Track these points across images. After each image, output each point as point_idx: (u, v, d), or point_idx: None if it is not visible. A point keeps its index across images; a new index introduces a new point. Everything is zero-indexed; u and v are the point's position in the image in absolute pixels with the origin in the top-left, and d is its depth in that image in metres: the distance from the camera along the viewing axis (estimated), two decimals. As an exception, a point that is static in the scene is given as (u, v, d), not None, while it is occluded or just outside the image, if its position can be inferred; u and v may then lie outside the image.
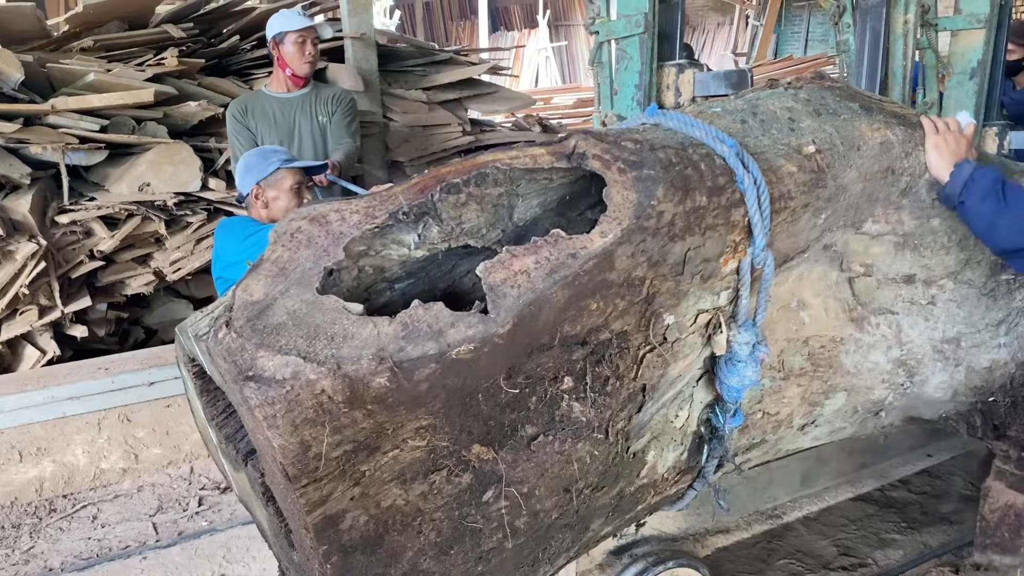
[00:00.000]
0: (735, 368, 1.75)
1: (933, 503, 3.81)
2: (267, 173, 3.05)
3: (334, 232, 1.43)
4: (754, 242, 1.69)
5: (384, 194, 1.49)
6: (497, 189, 1.58)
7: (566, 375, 1.51)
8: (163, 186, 4.56)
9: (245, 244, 2.99)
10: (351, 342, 1.28)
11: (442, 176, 1.52)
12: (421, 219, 1.50)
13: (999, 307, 2.29)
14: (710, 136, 1.72)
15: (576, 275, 1.41)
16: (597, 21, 2.46)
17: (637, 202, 1.50)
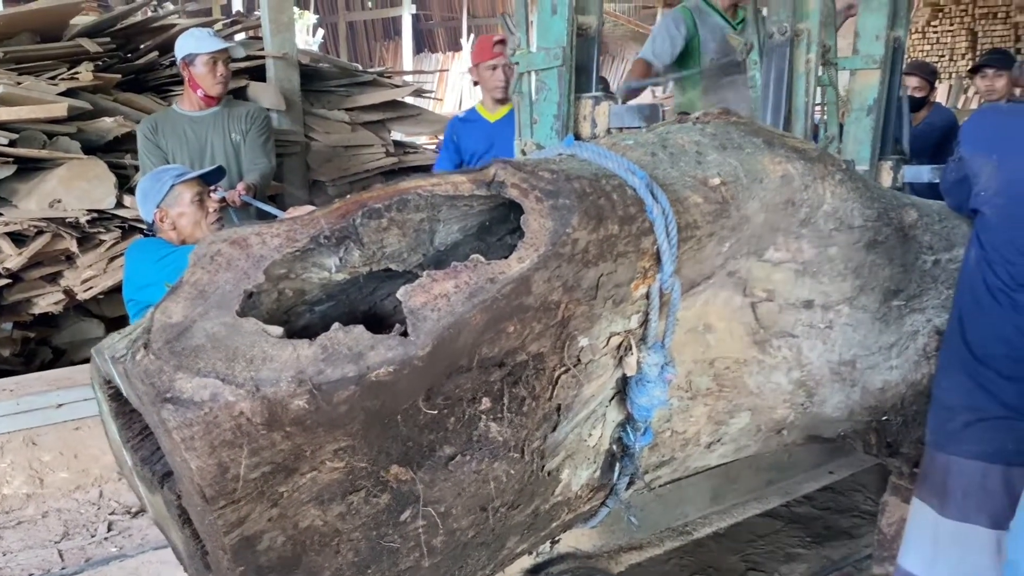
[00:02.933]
0: (645, 388, 1.82)
1: (835, 518, 3.97)
2: (163, 194, 3.01)
3: (254, 255, 1.44)
4: (662, 269, 1.77)
5: (306, 218, 1.51)
6: (419, 215, 1.61)
7: (484, 396, 1.55)
8: (75, 203, 4.44)
9: (159, 265, 2.94)
10: (270, 364, 1.29)
11: (364, 201, 1.55)
12: (343, 243, 1.52)
13: (891, 331, 2.43)
14: (622, 168, 1.79)
15: (494, 299, 1.45)
16: (517, 52, 2.53)
17: (553, 230, 1.55)
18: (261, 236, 1.46)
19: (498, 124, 4.21)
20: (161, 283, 2.94)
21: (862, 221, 2.32)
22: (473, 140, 4.25)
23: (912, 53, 12.42)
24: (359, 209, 1.53)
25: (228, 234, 1.46)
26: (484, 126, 4.25)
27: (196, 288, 1.38)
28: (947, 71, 12.45)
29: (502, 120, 4.22)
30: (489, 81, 4.13)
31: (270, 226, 1.48)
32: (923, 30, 12.53)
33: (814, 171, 2.21)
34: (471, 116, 4.37)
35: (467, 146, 4.27)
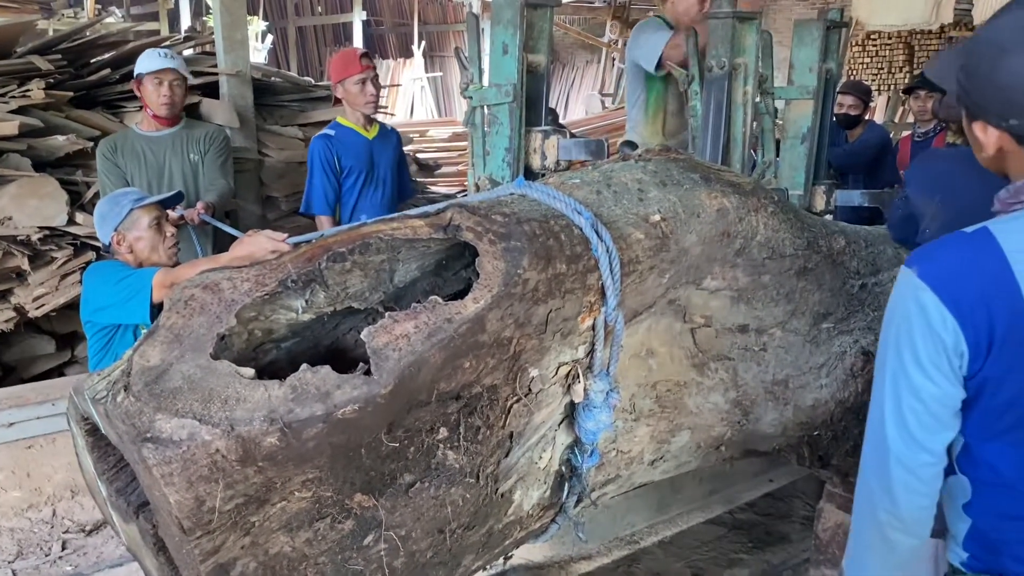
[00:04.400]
0: (591, 413, 1.96)
1: (776, 523, 4.17)
2: (121, 218, 3.06)
3: (226, 299, 1.54)
4: (607, 303, 1.91)
5: (274, 263, 1.61)
6: (379, 256, 1.73)
7: (442, 426, 1.67)
8: (26, 220, 4.44)
9: (117, 288, 2.99)
10: (244, 405, 1.40)
11: (328, 246, 1.66)
12: (308, 285, 1.63)
13: (821, 352, 2.61)
14: (569, 208, 1.93)
15: (452, 338, 1.58)
16: (471, 87, 2.65)
17: (505, 271, 1.68)
18: (232, 281, 1.56)
19: (376, 141, 4.10)
20: (118, 304, 2.99)
21: (793, 250, 2.49)
22: (353, 157, 4.01)
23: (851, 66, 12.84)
24: (324, 253, 1.64)
25: (201, 279, 1.56)
26: (363, 143, 4.09)
27: (172, 332, 1.48)
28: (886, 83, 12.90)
29: (379, 137, 4.13)
30: (358, 97, 3.96)
31: (240, 271, 1.59)
32: (863, 43, 12.97)
33: (748, 204, 2.38)
34: (343, 134, 4.08)
35: (348, 163, 3.99)
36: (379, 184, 4.22)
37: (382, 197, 4.22)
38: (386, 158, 4.28)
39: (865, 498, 1.56)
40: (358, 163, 4.10)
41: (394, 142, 4.38)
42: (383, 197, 4.22)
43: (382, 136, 4.26)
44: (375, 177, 4.22)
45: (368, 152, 4.14)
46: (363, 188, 4.18)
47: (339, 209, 4.20)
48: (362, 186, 4.17)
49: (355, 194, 4.16)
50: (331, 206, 4.14)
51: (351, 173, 4.10)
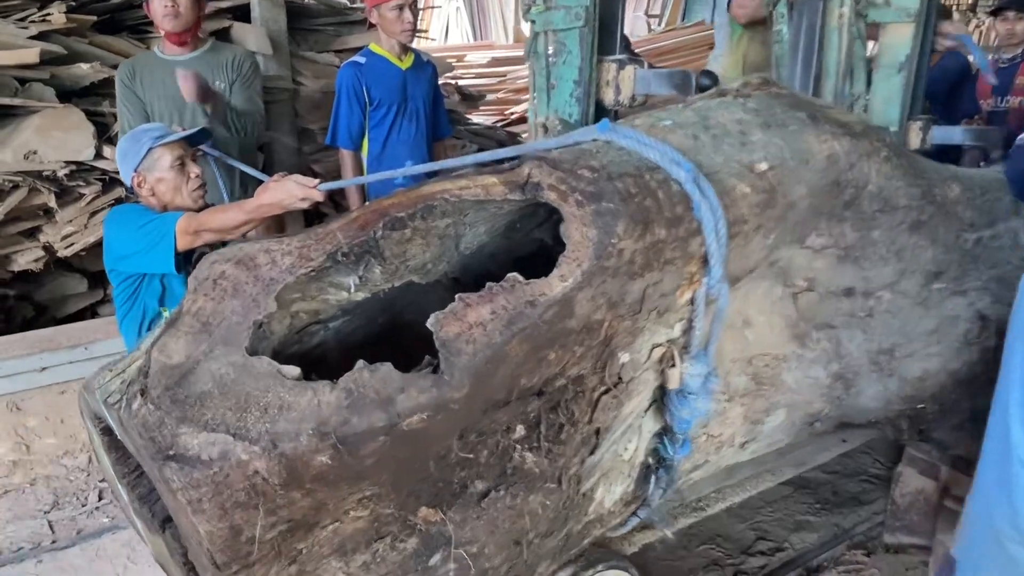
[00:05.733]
0: (687, 400, 1.67)
1: (844, 483, 3.90)
2: (141, 157, 2.73)
3: (263, 277, 1.26)
4: (710, 272, 1.60)
5: (320, 232, 1.32)
6: (444, 221, 1.43)
7: (519, 425, 1.39)
8: (52, 154, 4.16)
9: (140, 233, 2.70)
10: (288, 415, 1.12)
11: (385, 210, 1.36)
12: (362, 259, 1.34)
13: (931, 316, 2.29)
14: (666, 158, 1.60)
15: (535, 325, 1.28)
16: (534, 9, 2.30)
17: (597, 240, 1.37)
18: (271, 254, 1.27)
19: (410, 73, 3.70)
20: (141, 252, 2.72)
21: (906, 201, 2.15)
22: (384, 88, 3.62)
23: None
24: (379, 219, 1.34)
25: (232, 252, 1.27)
26: (395, 73, 3.69)
27: (198, 320, 1.20)
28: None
29: (413, 68, 3.73)
30: (394, 24, 3.54)
31: (280, 242, 1.29)
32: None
33: (859, 148, 2.03)
34: (375, 62, 3.68)
35: (378, 95, 3.60)
36: (412, 118, 3.84)
37: (415, 133, 3.85)
38: (420, 91, 3.90)
39: (981, 500, 1.34)
40: (389, 95, 3.72)
41: (429, 74, 3.99)
42: (416, 133, 3.85)
43: (417, 67, 3.87)
44: (407, 111, 3.85)
45: (401, 83, 3.77)
46: (394, 122, 3.81)
47: (367, 144, 3.87)
48: (393, 120, 3.80)
49: (386, 128, 3.80)
50: (355, 140, 3.80)
51: (381, 105, 3.73)
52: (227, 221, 2.57)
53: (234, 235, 2.62)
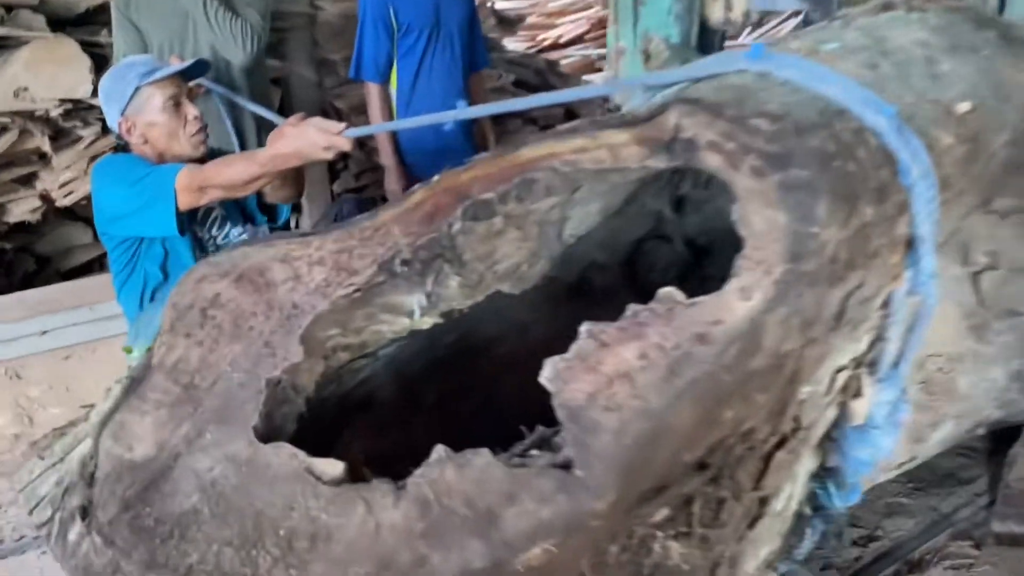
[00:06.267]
0: (868, 436, 1.19)
1: (936, 459, 3.43)
2: (127, 98, 2.20)
3: (281, 304, 0.77)
4: (919, 263, 1.10)
5: (366, 227, 0.83)
6: (548, 201, 0.93)
7: (664, 507, 0.92)
8: (44, 91, 3.65)
9: (133, 191, 2.20)
10: (328, 550, 0.66)
11: (463, 189, 0.86)
12: (431, 266, 0.85)
13: None
14: (856, 98, 1.09)
15: (711, 375, 0.80)
16: (621, -98, 1.74)
17: (791, 230, 0.88)
18: (292, 265, 0.79)
19: None
20: (137, 213, 2.23)
21: (1113, 147, 1.62)
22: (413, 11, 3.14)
23: None
24: (456, 205, 0.85)
25: (231, 262, 0.79)
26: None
27: (176, 380, 0.72)
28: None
29: None
30: None
31: (306, 244, 0.81)
32: None
33: (1063, 79, 1.50)
34: None
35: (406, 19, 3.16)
36: (446, 46, 3.27)
37: (450, 63, 3.28)
38: (455, 14, 3.31)
39: None
40: (419, 19, 3.15)
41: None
42: (451, 63, 3.29)
43: (452, -16, 3.29)
44: (440, 37, 3.27)
45: (433, 5, 3.18)
46: (426, 50, 3.24)
47: (395, 76, 3.31)
48: (425, 48, 3.23)
49: (417, 58, 3.23)
50: (383, 72, 3.24)
51: (410, 31, 3.16)
52: (236, 175, 2.08)
53: (245, 191, 2.15)
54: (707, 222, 1.47)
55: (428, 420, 1.00)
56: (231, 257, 0.77)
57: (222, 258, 0.78)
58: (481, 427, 1.03)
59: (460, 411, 1.03)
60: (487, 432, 1.02)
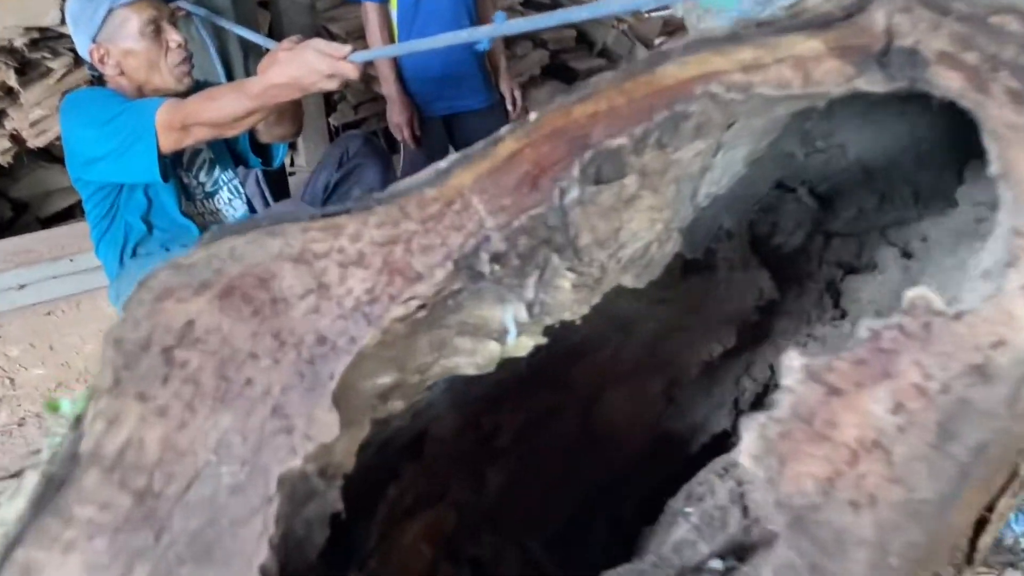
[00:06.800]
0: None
1: None
2: (99, 22, 1.88)
3: (298, 335, 0.45)
4: None
5: (433, 201, 0.49)
6: (696, 146, 0.60)
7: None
8: (7, 18, 3.32)
9: (111, 128, 1.90)
10: None
11: (578, 132, 0.53)
12: (533, 259, 0.52)
13: None
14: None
15: (1004, 432, 0.48)
16: None
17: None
18: (311, 268, 0.46)
19: None
20: (114, 155, 1.93)
21: None
22: None
23: None
24: (570, 159, 0.52)
25: (212, 262, 0.47)
26: None
27: (121, 482, 0.41)
28: None
29: None
30: None
31: (337, 232, 0.48)
32: None
33: None
34: None
35: None
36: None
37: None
38: None
39: None
40: None
41: None
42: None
43: None
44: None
45: None
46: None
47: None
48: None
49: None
50: (381, -13, 2.85)
51: None
52: (224, 110, 1.78)
53: (236, 129, 1.84)
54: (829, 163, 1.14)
55: (504, 463, 0.69)
56: (211, 254, 0.44)
57: (196, 256, 0.45)
58: (579, 467, 0.72)
59: (546, 446, 0.72)
60: (588, 475, 0.72)
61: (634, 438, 0.73)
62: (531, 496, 0.66)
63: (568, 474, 0.69)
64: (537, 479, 0.68)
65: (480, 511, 0.63)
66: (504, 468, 0.67)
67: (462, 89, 2.56)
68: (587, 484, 0.69)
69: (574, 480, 0.69)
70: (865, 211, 1.12)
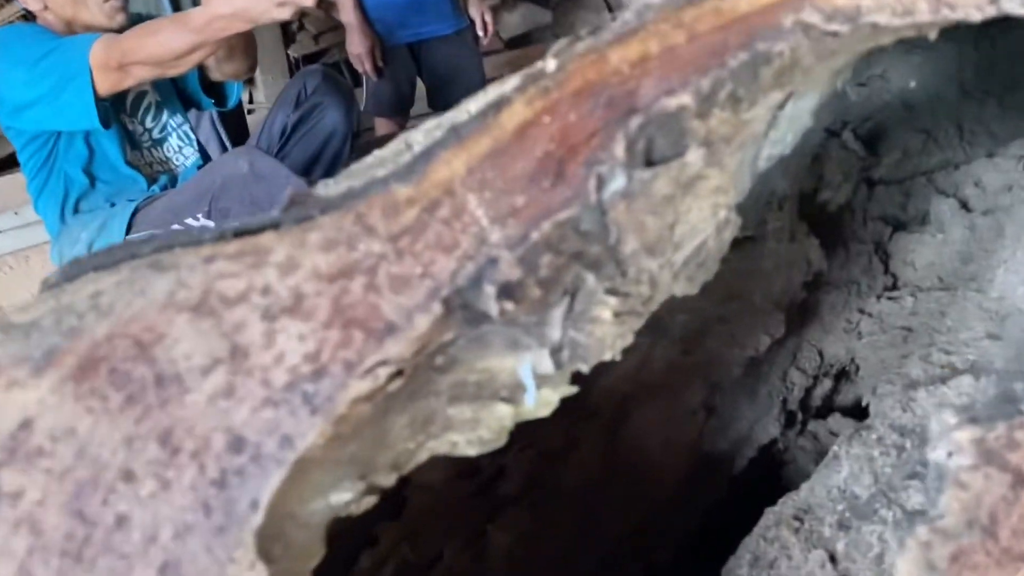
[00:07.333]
0: None
1: None
2: None
3: (200, 438, 0.28)
4: None
5: (406, 205, 0.32)
6: (775, 96, 0.42)
7: None
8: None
9: (41, 69, 1.72)
10: None
11: (621, 90, 0.35)
12: (558, 284, 0.35)
13: None
14: None
15: None
16: None
17: None
18: (219, 321, 0.29)
19: None
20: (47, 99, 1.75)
21: None
22: None
23: None
24: (612, 129, 0.35)
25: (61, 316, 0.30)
26: None
27: None
28: None
29: None
30: None
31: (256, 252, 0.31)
32: None
33: None
34: None
35: None
36: None
37: None
38: None
39: None
40: None
41: None
42: None
43: None
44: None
45: None
46: None
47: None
48: None
49: None
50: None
51: None
52: (165, 46, 1.60)
53: (180, 68, 1.67)
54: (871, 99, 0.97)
55: (511, 517, 0.53)
56: (62, 305, 0.27)
57: (38, 310, 0.27)
58: (604, 510, 0.56)
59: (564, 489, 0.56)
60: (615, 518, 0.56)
61: (670, 464, 0.58)
62: (547, 556, 0.51)
63: (591, 521, 0.54)
64: (553, 533, 0.52)
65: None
66: (511, 523, 0.51)
67: (427, 14, 2.33)
68: (615, 531, 0.54)
69: (599, 528, 0.54)
70: (909, 153, 0.96)
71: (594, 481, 0.55)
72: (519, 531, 0.51)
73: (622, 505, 0.55)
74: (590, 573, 0.52)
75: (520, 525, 0.51)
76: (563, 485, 0.54)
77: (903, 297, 0.76)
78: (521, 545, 0.50)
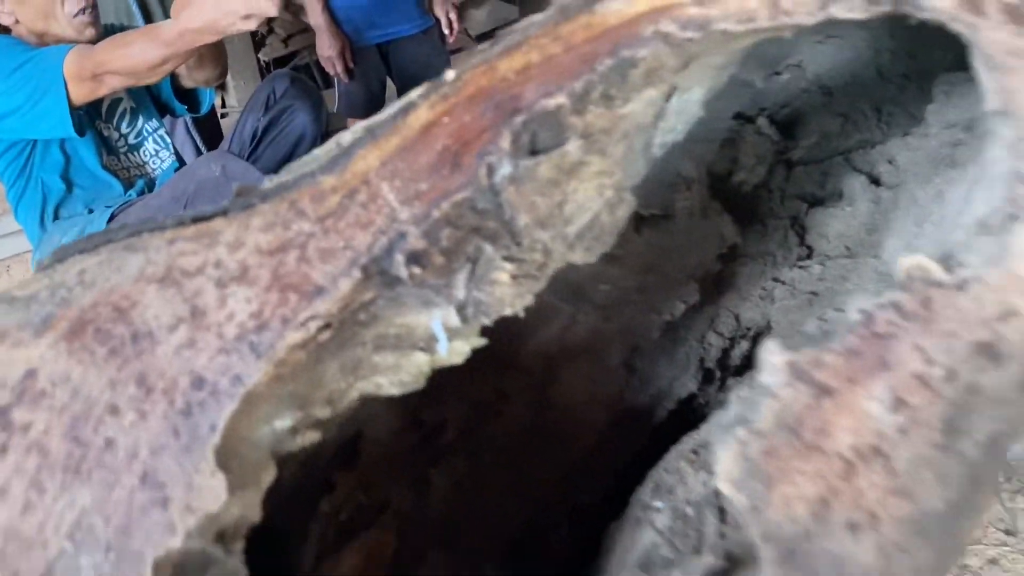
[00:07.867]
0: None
1: None
2: None
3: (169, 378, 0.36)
4: None
5: (331, 193, 0.40)
6: (647, 95, 0.51)
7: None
8: None
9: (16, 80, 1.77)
10: None
11: (507, 93, 0.43)
12: (461, 252, 0.43)
13: None
14: None
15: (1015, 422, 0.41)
16: None
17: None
18: (180, 290, 0.37)
19: None
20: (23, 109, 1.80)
21: None
22: None
23: None
24: (499, 127, 0.42)
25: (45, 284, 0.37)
26: None
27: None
28: None
29: None
30: None
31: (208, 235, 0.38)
32: None
33: None
34: None
35: None
36: None
37: None
38: None
39: None
40: None
41: None
42: None
43: None
44: None
45: None
46: None
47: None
48: None
49: None
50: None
51: None
52: (136, 59, 1.65)
53: (152, 78, 1.71)
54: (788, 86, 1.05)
55: (450, 463, 0.61)
56: (55, 282, 0.34)
57: (36, 285, 0.35)
58: (534, 458, 0.64)
59: (497, 438, 0.64)
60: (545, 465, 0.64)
61: (594, 417, 0.66)
62: (483, 498, 0.59)
63: (523, 468, 0.62)
64: (489, 477, 0.60)
65: (426, 522, 0.56)
66: (451, 469, 0.59)
67: (394, 14, 2.39)
68: (545, 476, 0.62)
69: (530, 474, 0.62)
70: (827, 135, 1.04)
71: (525, 432, 0.63)
72: (457, 476, 0.58)
73: (550, 454, 0.63)
74: (522, 513, 0.60)
75: (458, 470, 0.59)
76: (497, 435, 0.62)
77: (812, 265, 0.85)
78: (459, 488, 0.58)
